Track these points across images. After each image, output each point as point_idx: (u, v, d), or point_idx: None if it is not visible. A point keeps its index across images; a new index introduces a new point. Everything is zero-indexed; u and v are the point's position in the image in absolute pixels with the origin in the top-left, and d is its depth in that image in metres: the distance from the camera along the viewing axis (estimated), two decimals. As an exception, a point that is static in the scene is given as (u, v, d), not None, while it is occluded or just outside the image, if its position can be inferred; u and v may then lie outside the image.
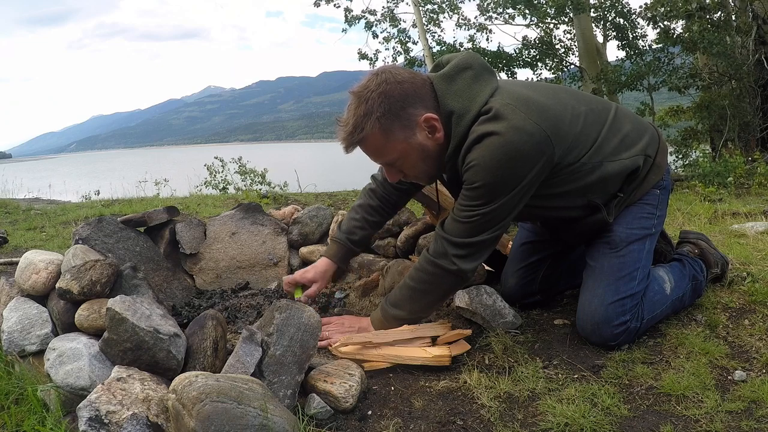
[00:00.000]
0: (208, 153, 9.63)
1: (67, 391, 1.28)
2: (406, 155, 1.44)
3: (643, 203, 1.63)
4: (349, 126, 1.38)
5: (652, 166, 1.62)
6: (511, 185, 1.38)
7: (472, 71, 1.44)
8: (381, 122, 1.37)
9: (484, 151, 1.34)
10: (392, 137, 1.40)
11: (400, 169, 1.50)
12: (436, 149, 1.45)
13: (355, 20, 10.10)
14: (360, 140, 1.40)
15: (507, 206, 1.41)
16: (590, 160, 1.49)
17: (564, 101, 1.49)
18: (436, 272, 1.50)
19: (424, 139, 1.42)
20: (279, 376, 1.28)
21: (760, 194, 5.16)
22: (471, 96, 1.41)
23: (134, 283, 1.61)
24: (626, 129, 1.58)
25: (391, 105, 1.36)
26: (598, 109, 1.56)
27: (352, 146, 1.42)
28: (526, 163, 1.36)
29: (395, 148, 1.42)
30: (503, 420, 1.25)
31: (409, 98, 1.38)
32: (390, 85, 1.37)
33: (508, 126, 1.33)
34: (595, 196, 1.56)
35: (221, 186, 8.50)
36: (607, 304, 1.51)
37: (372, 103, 1.36)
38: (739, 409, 1.22)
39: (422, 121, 1.40)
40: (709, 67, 8.02)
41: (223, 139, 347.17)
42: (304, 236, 2.36)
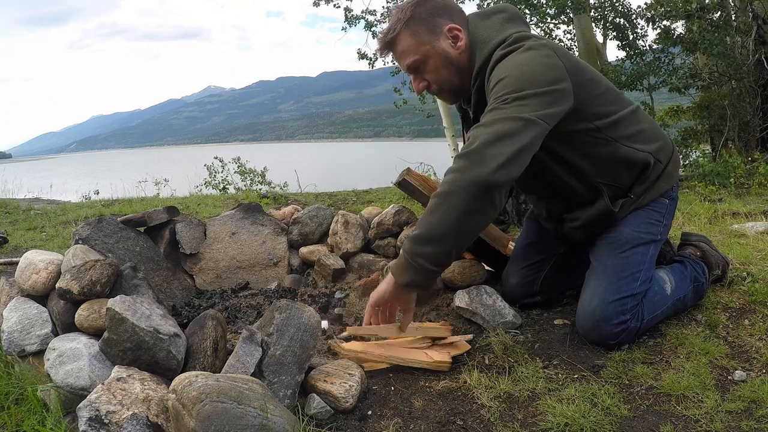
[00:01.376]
0: (208, 153, 9.63)
1: (67, 391, 1.28)
2: (429, 58, 1.55)
3: (652, 209, 1.64)
4: (385, 30, 1.59)
5: (663, 173, 1.64)
6: (536, 82, 1.37)
7: (505, 14, 1.58)
8: (409, 25, 1.53)
9: (507, 60, 1.43)
10: (418, 39, 1.54)
11: (425, 76, 1.59)
12: (458, 59, 1.55)
13: (356, 20, 10.10)
14: (390, 40, 1.56)
15: (536, 101, 1.35)
16: (605, 131, 1.52)
17: (591, 68, 1.57)
18: (459, 166, 1.31)
19: (448, 47, 1.54)
20: (279, 376, 1.28)
21: (760, 194, 5.16)
22: (499, 30, 1.53)
23: (134, 283, 1.61)
24: (644, 125, 1.61)
25: (420, 12, 1.53)
26: (620, 95, 1.62)
27: (385, 47, 1.59)
28: (549, 72, 1.39)
29: (419, 50, 1.55)
30: (503, 420, 1.25)
31: (438, 9, 1.55)
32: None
33: (529, 44, 1.43)
34: (601, 179, 1.57)
35: (221, 186, 8.50)
36: (607, 303, 1.52)
37: (405, 10, 1.54)
38: (739, 409, 1.22)
39: (447, 30, 1.54)
40: (709, 67, 8.01)
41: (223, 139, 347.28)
42: (304, 236, 2.36)
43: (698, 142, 8.43)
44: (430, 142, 33.34)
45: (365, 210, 2.51)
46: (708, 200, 4.62)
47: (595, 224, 1.64)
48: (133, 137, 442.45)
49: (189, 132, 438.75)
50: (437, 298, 1.92)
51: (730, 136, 7.68)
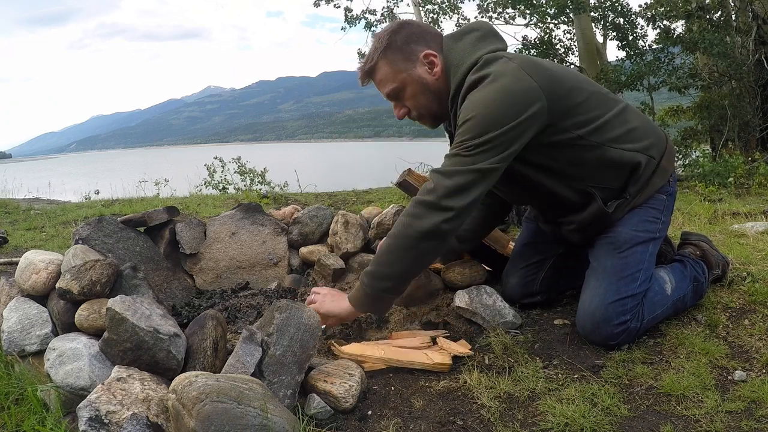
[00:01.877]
0: (208, 153, 9.63)
1: (67, 391, 1.28)
2: (406, 85, 1.58)
3: (649, 207, 1.63)
4: (364, 59, 1.63)
5: (657, 169, 1.63)
6: (501, 121, 1.39)
7: (478, 33, 1.57)
8: (386, 53, 1.57)
9: (476, 92, 1.44)
10: (395, 67, 1.57)
11: (403, 103, 1.62)
12: (435, 85, 1.58)
13: (356, 20, 10.10)
14: (369, 69, 1.60)
15: (498, 142, 1.39)
16: (589, 138, 1.51)
17: (572, 75, 1.57)
18: (416, 212, 1.43)
19: (424, 73, 1.57)
20: (279, 376, 1.28)
21: (760, 194, 5.16)
22: (471, 51, 1.53)
23: (134, 283, 1.61)
24: (634, 124, 1.60)
25: (396, 40, 1.56)
26: (606, 96, 1.61)
27: (365, 76, 1.63)
28: (516, 103, 1.39)
29: (397, 78, 1.58)
30: (503, 420, 1.25)
31: (414, 37, 1.57)
32: (399, 26, 1.60)
33: (498, 71, 1.42)
34: (591, 183, 1.57)
35: (221, 186, 8.50)
36: (607, 303, 1.51)
37: (381, 40, 1.58)
38: (739, 409, 1.22)
39: (422, 57, 1.56)
40: (709, 67, 8.01)
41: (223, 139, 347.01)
42: (304, 236, 2.36)
43: (698, 142, 8.43)
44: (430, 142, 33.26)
45: (365, 210, 2.51)
46: (708, 200, 4.61)
47: (591, 226, 1.64)
48: (133, 137, 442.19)
49: (189, 132, 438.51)
50: (437, 298, 1.92)
51: (730, 136, 7.67)
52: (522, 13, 9.06)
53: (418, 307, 1.89)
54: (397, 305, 1.91)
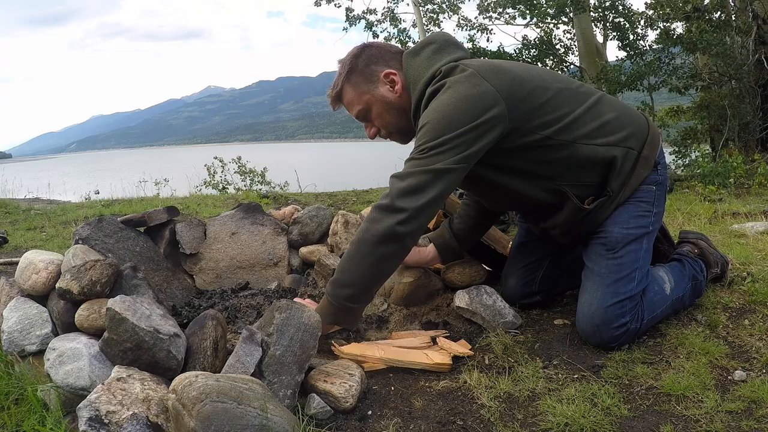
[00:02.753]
0: (208, 153, 9.63)
1: (67, 391, 1.28)
2: (371, 105, 1.63)
3: (638, 201, 1.60)
4: (331, 85, 1.68)
5: (639, 159, 1.59)
6: (455, 124, 1.40)
7: (434, 45, 1.59)
8: (349, 77, 1.63)
9: (433, 101, 1.47)
10: (358, 89, 1.63)
11: (372, 122, 1.67)
12: (399, 102, 1.62)
13: (356, 20, 10.11)
14: (336, 95, 1.66)
15: (453, 145, 1.40)
16: (558, 137, 1.50)
17: (536, 73, 1.56)
18: (373, 216, 1.42)
19: (387, 92, 1.61)
20: (279, 376, 1.28)
21: (760, 194, 5.16)
22: (429, 65, 1.56)
23: (134, 283, 1.61)
24: (608, 116, 1.57)
25: (357, 63, 1.62)
26: (577, 91, 1.59)
27: (335, 101, 1.69)
28: (472, 108, 1.40)
29: (362, 99, 1.63)
30: (503, 420, 1.25)
31: (374, 58, 1.62)
32: (360, 50, 1.65)
33: (454, 80, 1.45)
34: (563, 182, 1.55)
35: (221, 186, 8.50)
36: (606, 307, 1.51)
37: (344, 65, 1.63)
38: (739, 409, 1.22)
39: (383, 76, 1.61)
40: (709, 68, 8.01)
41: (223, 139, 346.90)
42: (304, 236, 2.36)
43: (698, 142, 8.43)
44: (430, 142, 32.88)
45: (365, 210, 2.51)
46: (708, 200, 4.62)
47: (575, 227, 1.62)
48: (133, 137, 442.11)
49: (189, 132, 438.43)
50: (437, 298, 1.92)
51: (730, 136, 7.67)
52: (522, 13, 9.07)
53: (418, 307, 1.89)
54: (397, 305, 1.91)
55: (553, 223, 1.65)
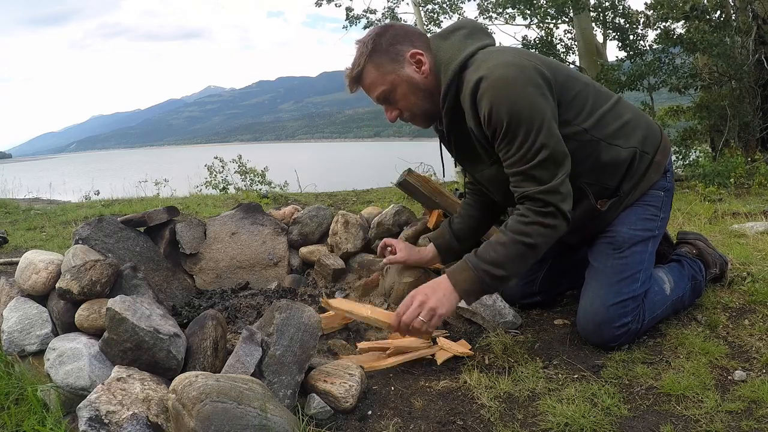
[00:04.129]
0: (208, 153, 9.63)
1: (67, 391, 1.28)
2: (396, 86, 1.56)
3: (647, 204, 1.62)
4: (350, 65, 1.59)
5: (651, 164, 1.60)
6: (533, 104, 1.37)
7: (465, 30, 1.57)
8: (372, 57, 1.55)
9: (487, 94, 1.40)
10: (382, 69, 1.55)
11: (395, 105, 1.60)
12: (425, 83, 1.56)
13: (356, 20, 10.12)
14: (357, 75, 1.57)
15: (548, 127, 1.38)
16: (589, 133, 1.51)
17: (564, 66, 1.57)
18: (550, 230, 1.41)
19: (412, 72, 1.55)
20: (279, 376, 1.28)
21: (760, 194, 5.16)
22: (461, 48, 1.52)
23: (134, 283, 1.61)
24: (626, 117, 1.58)
25: (381, 43, 1.54)
26: (600, 89, 1.60)
27: (353, 83, 1.60)
28: (529, 83, 1.39)
29: (386, 80, 1.56)
30: (503, 420, 1.25)
31: (398, 38, 1.56)
32: (382, 29, 1.58)
33: (496, 62, 1.41)
34: (585, 180, 1.55)
35: (221, 186, 8.50)
36: (608, 306, 1.51)
37: (366, 44, 1.56)
38: (739, 409, 1.22)
39: (409, 56, 1.54)
40: (709, 68, 8.00)
41: (223, 139, 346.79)
42: (304, 236, 2.36)
43: (698, 142, 8.43)
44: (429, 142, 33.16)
45: (365, 210, 2.51)
46: (708, 200, 4.62)
47: (585, 226, 1.62)
48: (133, 137, 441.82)
49: (189, 132, 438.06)
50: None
51: (730, 136, 7.67)
52: (522, 13, 9.07)
53: (418, 307, 1.88)
54: (398, 305, 1.90)
55: None
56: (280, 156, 33.25)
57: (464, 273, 1.46)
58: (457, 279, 1.46)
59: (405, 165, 2.83)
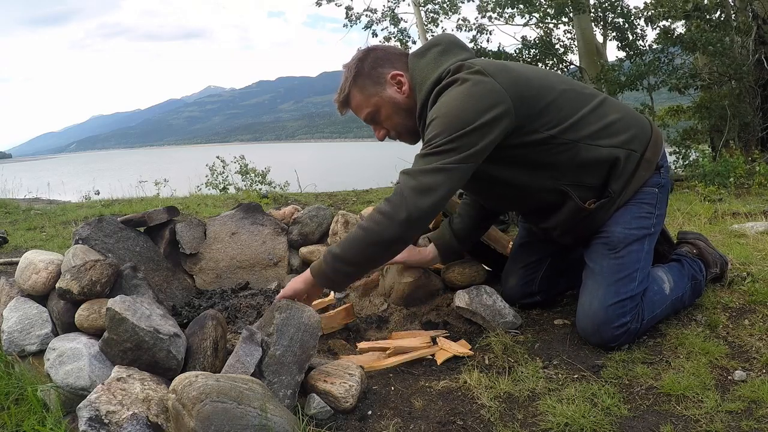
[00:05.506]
0: (208, 153, 9.63)
1: (67, 391, 1.29)
2: (380, 107, 1.64)
3: (641, 202, 1.61)
4: (338, 90, 1.67)
5: (641, 162, 1.60)
6: (464, 121, 1.40)
7: (440, 47, 1.60)
8: (356, 81, 1.63)
9: (442, 98, 1.48)
10: (366, 92, 1.63)
11: (381, 124, 1.68)
12: (406, 103, 1.62)
13: (356, 19, 10.12)
14: (344, 99, 1.66)
15: (464, 142, 1.40)
16: (562, 136, 1.51)
17: (542, 74, 1.60)
18: (386, 210, 1.43)
19: (394, 93, 1.62)
20: (279, 376, 1.28)
21: (760, 194, 5.16)
22: (435, 66, 1.57)
23: (134, 283, 1.61)
24: (612, 118, 1.58)
25: (364, 67, 1.62)
26: (581, 92, 1.60)
27: (342, 106, 1.69)
28: (479, 105, 1.41)
29: (370, 102, 1.64)
30: (503, 420, 1.25)
31: (380, 60, 1.63)
32: (364, 54, 1.65)
33: (462, 77, 1.46)
34: (565, 182, 1.55)
35: (222, 186, 8.50)
36: (607, 306, 1.51)
37: (350, 69, 1.64)
38: (739, 409, 1.22)
39: (390, 78, 1.61)
40: (709, 67, 8.01)
41: (223, 139, 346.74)
42: (304, 236, 2.36)
43: (698, 142, 8.43)
44: (430, 142, 32.88)
45: (365, 210, 2.51)
46: (708, 200, 4.61)
47: (576, 227, 1.62)
48: (133, 137, 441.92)
49: (189, 132, 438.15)
50: (437, 298, 1.92)
51: (730, 136, 7.67)
52: (522, 13, 9.06)
53: (418, 307, 1.89)
54: (397, 305, 1.91)
55: (554, 223, 1.65)
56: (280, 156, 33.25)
57: (320, 266, 1.52)
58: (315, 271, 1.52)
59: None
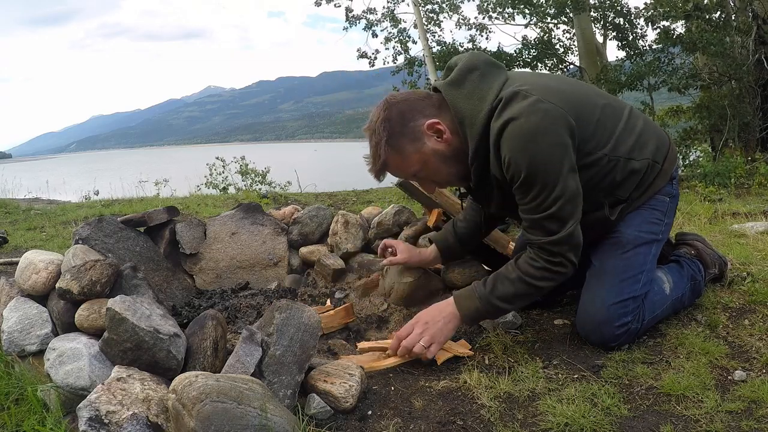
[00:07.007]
0: (209, 153, 9.63)
1: (67, 391, 1.28)
2: (424, 164, 1.52)
3: (653, 208, 1.62)
4: (370, 159, 1.53)
5: (660, 173, 1.61)
6: (552, 160, 1.37)
7: (478, 71, 1.49)
8: (390, 144, 1.47)
9: (509, 142, 1.38)
10: (405, 152, 1.49)
11: (429, 179, 1.58)
12: (451, 150, 1.51)
13: (356, 20, 10.11)
14: (382, 166, 1.52)
15: (566, 180, 1.38)
16: (608, 156, 1.50)
17: (581, 90, 1.55)
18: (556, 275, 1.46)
19: (435, 144, 1.49)
20: (279, 376, 1.28)
21: (760, 194, 5.16)
22: (481, 96, 1.46)
23: (134, 283, 1.61)
24: (639, 129, 1.58)
25: (393, 126, 1.47)
26: (614, 104, 1.59)
27: (380, 173, 1.54)
28: (552, 136, 1.37)
29: (413, 161, 1.51)
30: (503, 420, 1.25)
31: (407, 114, 1.49)
32: (388, 111, 1.49)
33: (521, 108, 1.37)
34: (602, 194, 1.55)
35: (222, 186, 8.50)
36: (609, 305, 1.51)
37: (379, 133, 1.47)
38: (739, 409, 1.22)
39: (426, 129, 1.48)
40: (709, 67, 8.01)
41: (223, 139, 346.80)
42: (304, 236, 2.36)
43: (698, 142, 8.43)
44: (430, 142, 32.83)
45: (365, 210, 2.51)
46: (708, 200, 4.62)
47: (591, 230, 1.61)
48: (133, 137, 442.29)
49: (189, 132, 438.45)
50: (437, 298, 1.92)
51: (730, 136, 7.67)
52: (522, 13, 9.06)
53: (418, 307, 1.89)
54: (397, 305, 1.91)
55: None
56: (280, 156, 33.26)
57: (471, 301, 1.52)
58: (462, 305, 1.53)
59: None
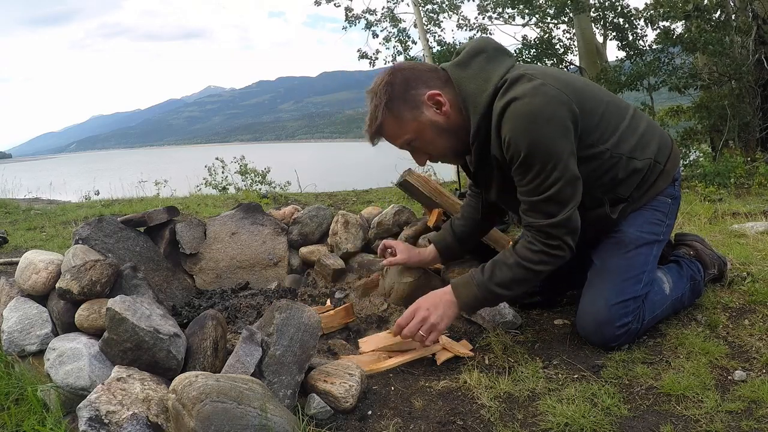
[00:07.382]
0: (209, 153, 9.64)
1: (67, 391, 1.29)
2: (420, 133, 1.50)
3: (654, 209, 1.62)
4: (367, 120, 1.51)
5: (662, 173, 1.61)
6: (553, 142, 1.36)
7: (485, 54, 1.50)
8: (389, 107, 1.47)
9: (510, 122, 1.38)
10: (402, 118, 1.48)
11: (422, 150, 1.56)
12: (448, 124, 1.50)
13: (356, 20, 10.12)
14: (377, 129, 1.50)
15: (564, 165, 1.38)
16: (611, 151, 1.50)
17: (588, 85, 1.56)
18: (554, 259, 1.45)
19: (433, 115, 1.49)
20: (279, 376, 1.28)
21: (760, 194, 5.16)
22: (486, 77, 1.46)
23: (134, 283, 1.61)
24: (641, 129, 1.58)
25: (395, 91, 1.47)
26: (619, 103, 1.60)
27: (374, 136, 1.53)
28: (554, 118, 1.36)
29: (408, 128, 1.50)
30: (503, 420, 1.25)
31: (412, 82, 1.48)
32: (392, 76, 1.49)
33: (524, 89, 1.37)
34: (602, 191, 1.55)
35: (222, 186, 8.51)
36: (610, 305, 1.51)
37: (379, 95, 1.47)
38: (739, 409, 1.22)
39: (427, 99, 1.47)
40: (709, 67, 8.01)
41: (223, 139, 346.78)
42: (304, 236, 2.36)
43: (698, 142, 8.43)
44: (430, 142, 32.75)
45: (365, 210, 2.51)
46: (708, 200, 4.62)
47: (591, 228, 1.61)
48: (133, 137, 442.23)
49: (189, 132, 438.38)
50: (437, 298, 1.92)
51: (730, 136, 7.67)
52: (521, 13, 9.06)
53: (418, 307, 1.88)
54: (397, 305, 1.91)
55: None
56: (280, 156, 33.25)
57: (469, 289, 1.52)
58: (461, 293, 1.52)
59: (405, 165, 2.83)
